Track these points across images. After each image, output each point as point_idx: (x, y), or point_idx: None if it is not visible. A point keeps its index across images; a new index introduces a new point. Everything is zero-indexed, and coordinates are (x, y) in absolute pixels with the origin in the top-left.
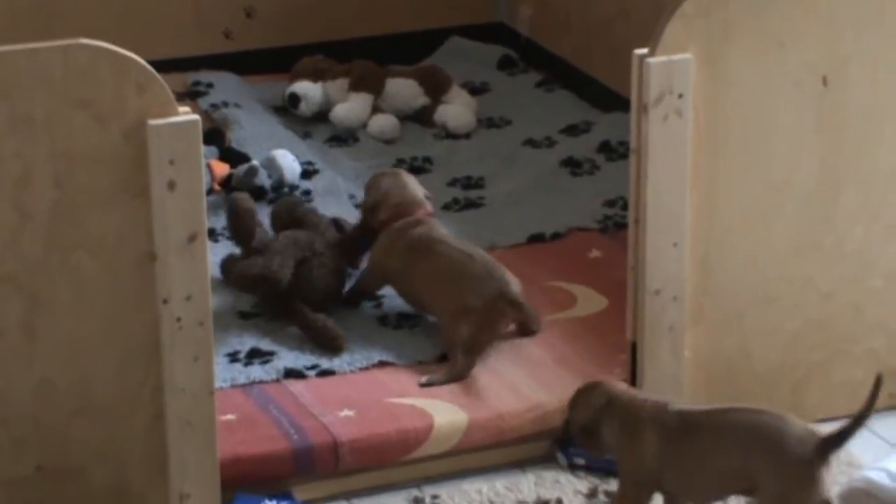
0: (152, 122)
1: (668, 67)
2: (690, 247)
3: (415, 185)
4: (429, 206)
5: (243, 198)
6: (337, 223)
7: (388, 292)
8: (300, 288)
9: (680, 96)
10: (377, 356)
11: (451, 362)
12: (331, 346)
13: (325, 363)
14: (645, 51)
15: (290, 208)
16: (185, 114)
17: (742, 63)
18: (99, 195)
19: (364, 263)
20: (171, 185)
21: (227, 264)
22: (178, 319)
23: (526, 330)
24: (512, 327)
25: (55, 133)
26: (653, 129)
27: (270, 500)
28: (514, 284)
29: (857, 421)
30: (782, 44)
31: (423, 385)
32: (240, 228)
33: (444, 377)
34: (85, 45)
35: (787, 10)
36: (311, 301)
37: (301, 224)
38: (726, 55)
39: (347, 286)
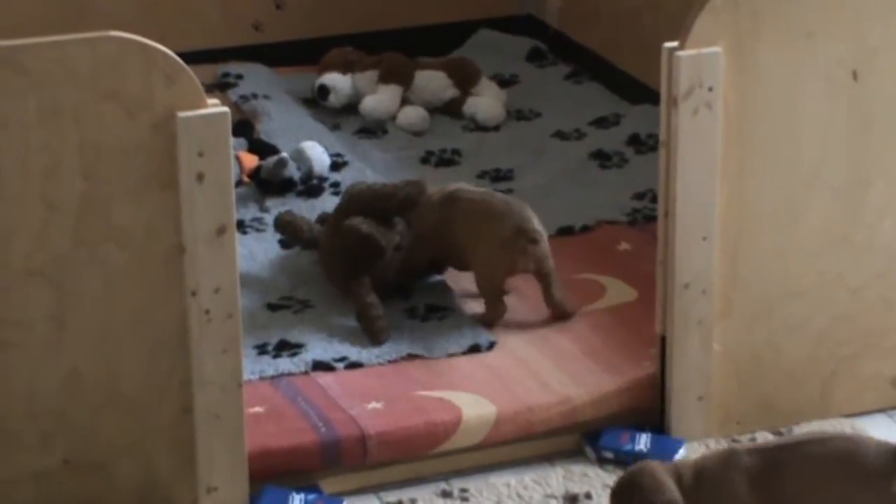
0: (181, 113)
1: (697, 61)
2: (720, 240)
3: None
4: None
5: (284, 214)
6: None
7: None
8: (380, 270)
9: (710, 89)
10: (406, 349)
11: (485, 308)
12: (373, 337)
13: (353, 355)
14: (674, 44)
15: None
16: (214, 106)
17: (771, 56)
18: (127, 187)
19: None
20: (200, 178)
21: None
22: (207, 312)
23: (556, 307)
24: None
25: (84, 125)
26: (682, 122)
27: (298, 493)
28: (536, 221)
29: None
30: (811, 34)
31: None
32: (290, 239)
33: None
34: (113, 37)
35: (815, 1)
36: (377, 286)
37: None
38: (755, 48)
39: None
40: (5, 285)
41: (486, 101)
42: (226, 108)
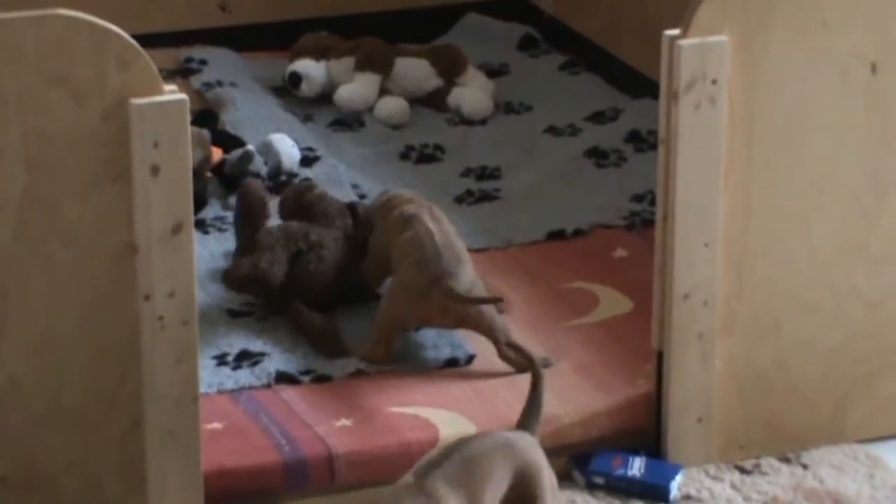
0: (135, 100)
1: (701, 50)
2: (723, 247)
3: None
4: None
5: (256, 186)
6: (353, 209)
7: None
8: (296, 285)
9: (714, 82)
10: None
11: (371, 342)
12: (329, 349)
13: (321, 367)
14: (676, 32)
15: (299, 195)
16: (172, 92)
17: (782, 47)
18: (75, 180)
19: None
20: (155, 170)
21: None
22: (161, 318)
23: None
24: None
25: (28, 111)
26: (683, 117)
27: None
28: (463, 280)
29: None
30: (826, 24)
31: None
32: (248, 218)
33: (360, 355)
34: (61, 16)
35: None
36: (309, 298)
37: (310, 212)
38: (765, 38)
39: None
40: None
41: (473, 93)
42: (184, 96)
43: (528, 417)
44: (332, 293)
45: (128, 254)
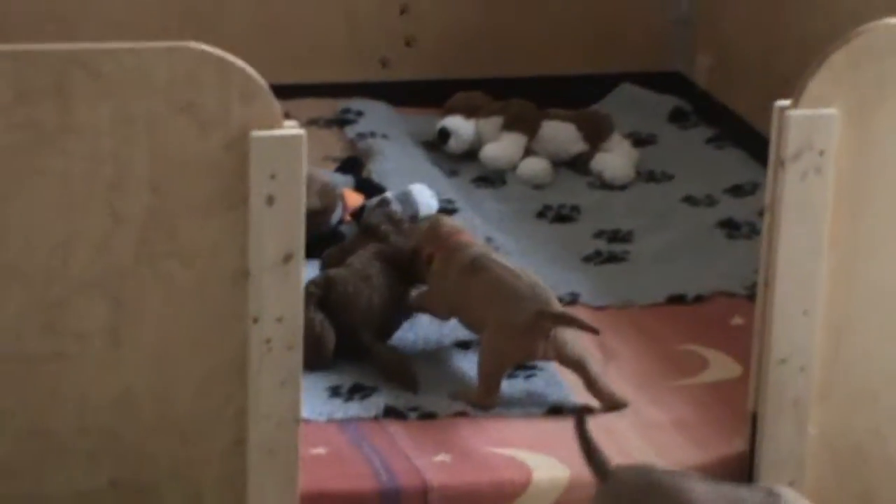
0: (255, 133)
1: (809, 122)
2: (823, 315)
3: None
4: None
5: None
6: (369, 229)
7: None
8: (338, 324)
9: (821, 153)
10: None
11: (479, 385)
12: (405, 382)
13: (428, 405)
14: (787, 102)
15: (335, 260)
16: (291, 127)
17: (895, 121)
18: (195, 204)
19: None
20: (270, 200)
21: None
22: (268, 341)
23: (604, 396)
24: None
25: (155, 136)
26: (789, 186)
27: None
28: (557, 304)
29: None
30: None
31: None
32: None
33: (468, 400)
34: (191, 49)
35: None
36: (354, 329)
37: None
38: (877, 112)
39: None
40: (63, 294)
41: (616, 159)
42: (301, 131)
43: (595, 459)
44: (374, 318)
45: (240, 278)
